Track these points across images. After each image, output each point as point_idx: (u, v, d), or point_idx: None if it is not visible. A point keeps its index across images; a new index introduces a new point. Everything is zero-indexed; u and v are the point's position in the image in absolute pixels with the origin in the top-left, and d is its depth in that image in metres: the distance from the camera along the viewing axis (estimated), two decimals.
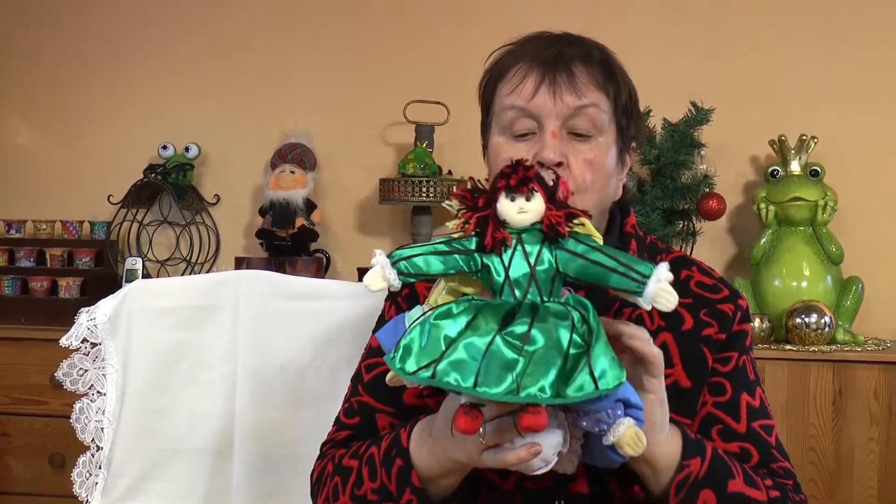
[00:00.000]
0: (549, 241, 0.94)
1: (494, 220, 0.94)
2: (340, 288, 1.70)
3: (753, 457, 1.18)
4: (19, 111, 2.99)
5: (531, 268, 0.93)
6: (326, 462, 1.22)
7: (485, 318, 0.89)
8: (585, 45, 1.19)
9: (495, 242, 0.93)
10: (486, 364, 0.86)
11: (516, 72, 1.17)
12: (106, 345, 1.63)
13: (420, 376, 0.87)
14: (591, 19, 2.64)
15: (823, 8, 2.64)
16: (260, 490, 1.63)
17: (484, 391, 0.85)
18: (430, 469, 1.07)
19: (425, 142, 2.63)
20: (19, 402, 2.41)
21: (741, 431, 1.18)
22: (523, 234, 0.94)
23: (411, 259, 0.94)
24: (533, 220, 0.94)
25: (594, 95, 1.15)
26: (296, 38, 2.86)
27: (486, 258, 0.94)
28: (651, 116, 2.49)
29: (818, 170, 2.48)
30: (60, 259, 2.66)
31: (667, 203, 2.45)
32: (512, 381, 0.85)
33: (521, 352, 0.86)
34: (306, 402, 1.63)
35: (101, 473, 1.62)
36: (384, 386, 1.03)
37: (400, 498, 1.09)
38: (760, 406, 1.21)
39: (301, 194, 2.62)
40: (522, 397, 0.85)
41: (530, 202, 0.94)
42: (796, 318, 2.30)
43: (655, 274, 0.90)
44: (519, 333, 0.87)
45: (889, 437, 2.17)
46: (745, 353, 1.22)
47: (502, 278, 0.93)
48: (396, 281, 0.93)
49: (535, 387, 0.85)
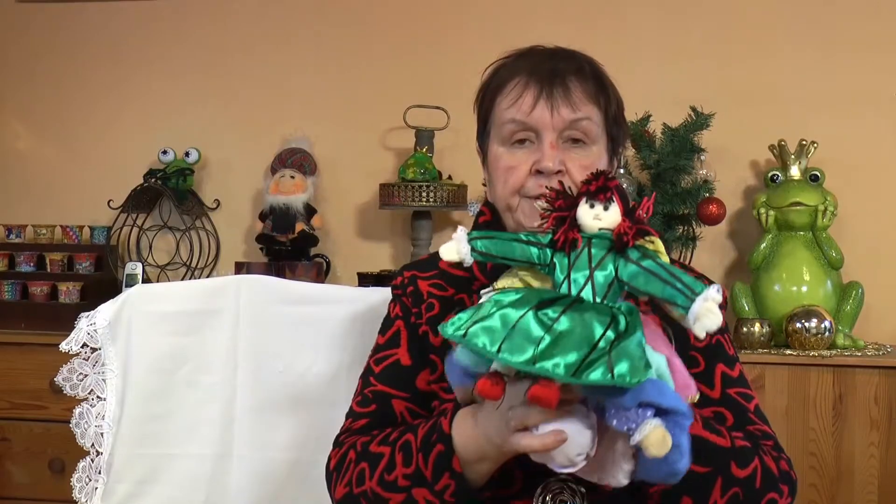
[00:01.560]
0: (616, 251, 1.00)
1: (570, 222, 1.01)
2: (340, 293, 1.70)
3: (727, 420, 1.22)
4: (19, 116, 2.99)
5: (591, 269, 0.99)
6: (346, 450, 1.24)
7: (527, 297, 0.96)
8: (578, 59, 1.27)
9: (565, 241, 1.01)
10: (513, 333, 0.91)
11: (515, 86, 1.25)
12: (106, 349, 1.63)
13: (454, 334, 0.94)
14: (591, 27, 2.65)
15: (823, 13, 2.65)
16: (259, 495, 1.63)
17: (505, 357, 0.91)
18: (468, 452, 1.11)
19: (425, 147, 2.63)
20: (19, 407, 2.40)
21: (715, 397, 1.24)
22: (594, 239, 1.01)
23: (486, 240, 1.02)
24: (608, 226, 1.01)
25: (588, 108, 1.23)
26: (296, 43, 2.86)
27: (555, 255, 1.02)
28: (651, 121, 2.50)
29: (818, 175, 2.48)
30: (60, 264, 2.66)
31: (667, 208, 2.45)
32: (532, 354, 0.90)
33: (548, 330, 0.91)
34: (306, 406, 1.63)
35: (100, 478, 1.62)
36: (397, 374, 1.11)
37: (436, 483, 1.12)
38: (739, 377, 1.26)
39: (301, 199, 2.62)
40: (536, 368, 0.90)
41: (607, 211, 1.01)
42: (796, 322, 2.30)
43: (705, 292, 0.93)
44: (552, 314, 0.93)
45: (889, 441, 2.17)
46: (719, 333, 1.26)
47: (564, 275, 1.00)
48: (469, 256, 1.01)
49: (551, 362, 0.90)
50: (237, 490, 1.62)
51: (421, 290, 1.31)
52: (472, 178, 2.59)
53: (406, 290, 1.33)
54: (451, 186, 2.56)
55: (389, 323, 1.34)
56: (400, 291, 1.34)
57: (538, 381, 0.91)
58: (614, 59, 1.36)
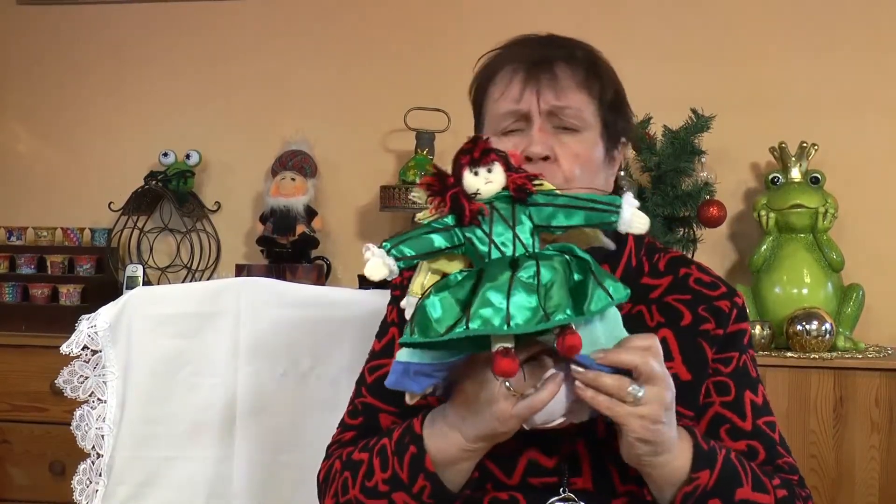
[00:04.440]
0: (519, 202, 1.02)
1: (465, 196, 1.01)
2: (341, 295, 1.70)
3: (760, 454, 1.20)
4: (20, 118, 3.00)
5: (512, 228, 1.00)
6: (333, 461, 1.24)
7: (495, 270, 0.96)
8: (570, 46, 1.26)
9: (473, 214, 1.00)
10: (511, 305, 0.92)
11: (504, 75, 1.24)
12: (106, 352, 1.63)
13: (456, 331, 0.92)
14: (591, 27, 2.64)
15: (824, 16, 2.65)
16: (260, 498, 1.63)
17: (516, 324, 0.91)
18: (444, 455, 1.09)
19: (426, 149, 2.63)
20: (20, 409, 2.40)
21: (748, 429, 1.21)
22: (495, 202, 1.02)
23: (402, 245, 1.00)
24: (499, 187, 1.02)
25: (574, 96, 1.21)
26: (296, 45, 2.86)
27: (466, 231, 1.01)
28: (651, 123, 2.50)
29: (819, 177, 2.48)
30: (61, 266, 2.66)
31: (667, 210, 2.45)
32: (540, 313, 0.92)
33: (536, 288, 0.93)
34: (307, 409, 1.63)
35: (101, 481, 1.62)
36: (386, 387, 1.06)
37: (412, 485, 1.10)
38: (763, 403, 1.24)
39: (302, 201, 2.62)
40: (555, 321, 0.92)
41: (493, 172, 1.02)
42: (797, 325, 2.30)
43: (626, 201, 1.00)
44: (531, 274, 0.94)
45: (890, 444, 2.17)
46: (745, 352, 1.25)
47: (487, 245, 1.00)
48: (395, 266, 0.99)
49: (561, 312, 0.92)
50: (237, 493, 1.62)
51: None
52: None
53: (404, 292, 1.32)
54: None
55: (385, 329, 1.34)
56: (398, 292, 1.34)
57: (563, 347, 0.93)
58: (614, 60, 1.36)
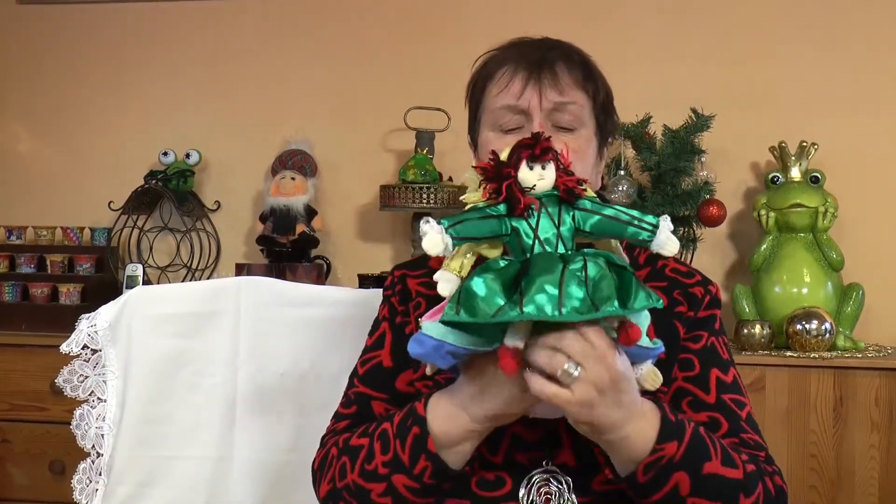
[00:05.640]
0: (566, 203, 1.05)
1: (519, 188, 1.04)
2: (341, 294, 1.70)
3: (722, 426, 1.22)
4: (20, 117, 3.00)
5: (557, 227, 1.04)
6: (329, 448, 1.25)
7: (547, 262, 0.99)
8: (566, 48, 1.31)
9: (525, 207, 1.03)
10: (563, 294, 0.96)
11: (504, 73, 1.27)
12: (106, 351, 1.63)
13: (510, 314, 0.95)
14: (591, 27, 2.65)
15: (823, 15, 2.65)
16: (260, 497, 1.63)
17: (567, 312, 0.95)
18: (448, 436, 1.11)
19: (426, 148, 2.63)
20: (19, 409, 2.40)
21: (710, 402, 1.24)
22: (544, 199, 1.05)
23: (458, 224, 1.02)
24: (550, 185, 1.05)
25: (575, 94, 1.25)
26: (296, 44, 2.86)
27: (514, 222, 1.04)
28: (651, 123, 2.50)
29: (818, 176, 2.48)
30: (61, 265, 2.66)
31: (667, 209, 2.45)
32: (589, 303, 0.97)
33: (584, 281, 0.98)
34: (307, 409, 1.63)
35: (101, 480, 1.62)
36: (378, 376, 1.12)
37: (413, 467, 1.12)
38: (733, 383, 1.26)
39: (302, 201, 2.62)
40: (604, 311, 0.97)
41: (546, 170, 1.05)
42: (797, 324, 2.30)
43: (663, 224, 1.05)
44: (579, 267, 0.99)
45: (890, 443, 2.17)
46: (715, 335, 1.29)
47: (531, 238, 1.04)
48: (451, 244, 1.01)
49: (609, 304, 0.97)
50: (238, 492, 1.62)
51: (410, 288, 1.33)
52: None
53: (395, 290, 1.35)
54: (451, 188, 2.56)
55: (376, 325, 1.37)
56: (390, 292, 1.36)
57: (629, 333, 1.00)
58: (614, 60, 1.37)
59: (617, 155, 2.46)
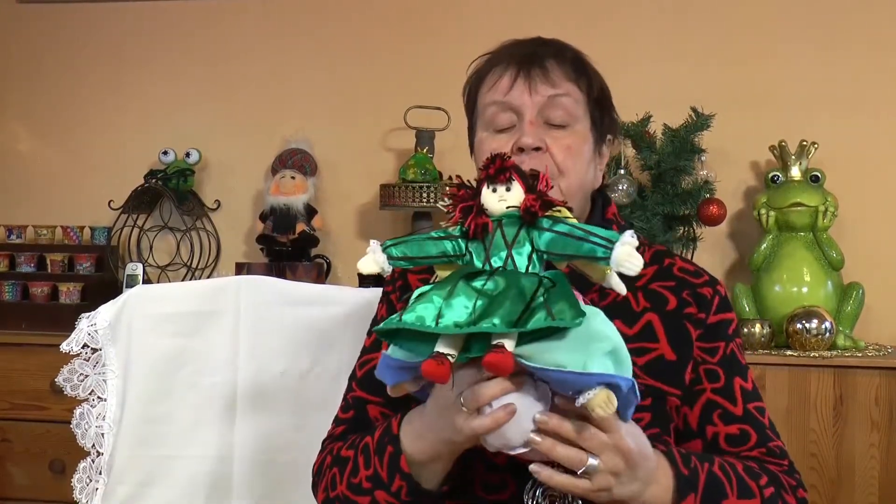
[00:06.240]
0: (527, 225, 1.02)
1: (477, 209, 1.04)
2: (341, 294, 1.71)
3: (752, 437, 1.24)
4: (20, 117, 2.99)
5: (508, 248, 1.01)
6: (325, 455, 1.26)
7: (451, 277, 1.00)
8: (557, 45, 1.30)
9: (476, 228, 1.02)
10: (446, 305, 0.95)
11: (495, 71, 1.27)
12: (106, 350, 1.63)
13: (390, 323, 0.96)
14: (591, 26, 2.64)
15: (824, 14, 2.65)
16: (260, 497, 1.63)
17: (444, 325, 0.93)
18: (419, 453, 1.11)
19: (426, 147, 2.63)
20: (20, 408, 2.40)
21: (739, 414, 1.25)
22: (503, 220, 1.03)
23: (400, 245, 1.03)
24: (512, 206, 1.03)
25: (567, 86, 1.24)
26: (296, 43, 2.86)
27: (470, 244, 1.04)
28: (651, 122, 2.50)
29: (819, 175, 2.48)
30: (61, 264, 2.66)
31: (667, 209, 2.45)
32: (470, 316, 0.93)
33: (480, 294, 0.95)
34: (307, 408, 1.63)
35: (101, 479, 1.62)
36: (374, 379, 1.10)
37: (391, 484, 1.12)
38: (753, 389, 1.28)
39: (302, 200, 2.62)
40: (480, 327, 0.92)
41: (510, 192, 1.03)
42: (797, 323, 2.29)
43: (621, 238, 0.95)
44: (481, 281, 0.97)
45: (890, 443, 2.17)
46: (731, 341, 1.29)
47: (482, 259, 1.02)
48: (386, 264, 1.03)
49: (489, 320, 0.92)
50: (237, 491, 1.62)
51: (410, 283, 1.33)
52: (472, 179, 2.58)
53: (395, 285, 1.35)
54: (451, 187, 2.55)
55: (374, 325, 1.37)
56: (390, 287, 1.36)
57: (483, 361, 0.92)
58: (614, 59, 1.37)
59: (617, 154, 2.46)
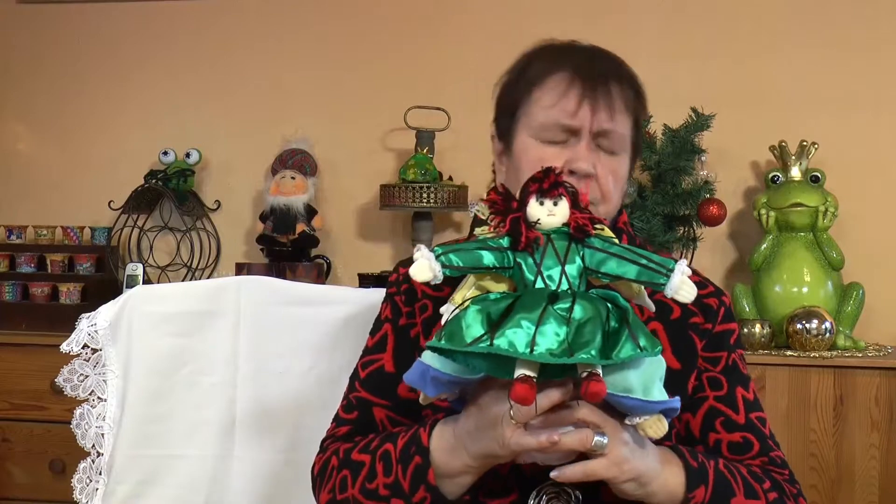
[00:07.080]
0: (576, 241, 1.03)
1: (526, 222, 1.02)
2: (341, 294, 1.70)
3: (754, 446, 1.24)
4: (20, 117, 3.00)
5: (562, 264, 1.01)
6: (329, 455, 1.25)
7: (532, 299, 0.97)
8: (616, 61, 1.27)
9: (528, 241, 1.01)
10: (539, 332, 0.93)
11: (557, 83, 1.23)
12: (106, 350, 1.63)
13: (480, 346, 0.93)
14: (592, 25, 2.64)
15: (824, 14, 2.65)
16: (260, 496, 1.63)
17: (539, 353, 0.92)
18: (448, 468, 1.11)
19: (426, 147, 2.63)
20: (20, 408, 2.40)
21: (741, 422, 1.25)
22: (552, 235, 1.03)
23: (452, 253, 1.00)
24: (560, 222, 1.03)
25: (624, 119, 1.23)
26: (297, 43, 2.86)
27: (518, 256, 1.02)
28: (651, 122, 2.49)
29: (819, 175, 2.48)
30: (61, 265, 2.66)
31: (667, 209, 2.45)
32: (565, 346, 0.93)
33: (568, 322, 0.94)
34: (307, 408, 1.63)
35: (101, 479, 1.62)
36: (379, 381, 1.11)
37: (413, 495, 1.12)
38: (754, 399, 1.29)
39: (302, 200, 2.62)
40: (578, 358, 0.92)
41: (557, 206, 1.03)
42: (797, 323, 2.30)
43: (678, 267, 1.00)
44: (565, 307, 0.95)
45: (890, 443, 2.17)
46: (733, 351, 1.30)
47: (534, 274, 1.01)
48: (440, 273, 0.99)
49: (587, 351, 0.93)
50: (237, 491, 1.62)
51: (416, 288, 1.29)
52: (472, 179, 2.58)
53: (400, 288, 1.31)
54: (451, 187, 2.56)
55: (378, 325, 1.34)
56: (394, 290, 1.32)
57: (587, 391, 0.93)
58: None
59: None
